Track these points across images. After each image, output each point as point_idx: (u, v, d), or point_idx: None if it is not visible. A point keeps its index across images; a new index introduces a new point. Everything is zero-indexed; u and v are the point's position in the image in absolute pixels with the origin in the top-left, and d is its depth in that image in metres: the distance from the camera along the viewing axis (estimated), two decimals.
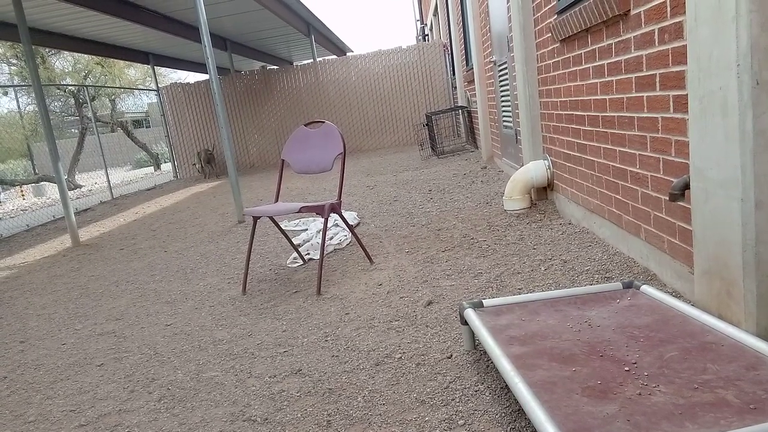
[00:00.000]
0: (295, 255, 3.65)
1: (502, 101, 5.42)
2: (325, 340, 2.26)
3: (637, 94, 2.26)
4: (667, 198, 2.12)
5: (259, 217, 3.01)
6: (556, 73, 3.34)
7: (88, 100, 11.59)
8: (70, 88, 15.64)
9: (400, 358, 1.99)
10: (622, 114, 2.43)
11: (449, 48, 10.83)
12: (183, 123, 12.60)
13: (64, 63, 16.49)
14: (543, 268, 2.65)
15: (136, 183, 13.69)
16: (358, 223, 4.39)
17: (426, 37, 18.60)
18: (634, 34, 2.21)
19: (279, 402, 1.82)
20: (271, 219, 3.28)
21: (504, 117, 5.44)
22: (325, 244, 3.65)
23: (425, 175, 6.58)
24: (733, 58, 1.50)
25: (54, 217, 8.37)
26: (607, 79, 2.55)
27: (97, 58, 15.64)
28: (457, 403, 1.63)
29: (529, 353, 1.59)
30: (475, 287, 2.56)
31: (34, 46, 9.31)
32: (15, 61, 15.52)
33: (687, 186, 1.86)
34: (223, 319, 2.72)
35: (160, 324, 2.80)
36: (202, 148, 12.03)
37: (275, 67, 14.07)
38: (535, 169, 3.81)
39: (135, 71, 18.44)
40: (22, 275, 4.54)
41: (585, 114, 2.91)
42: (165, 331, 2.68)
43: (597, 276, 2.43)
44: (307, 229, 4.50)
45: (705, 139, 1.68)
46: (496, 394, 1.65)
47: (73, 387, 2.22)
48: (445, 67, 11.60)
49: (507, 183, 3.93)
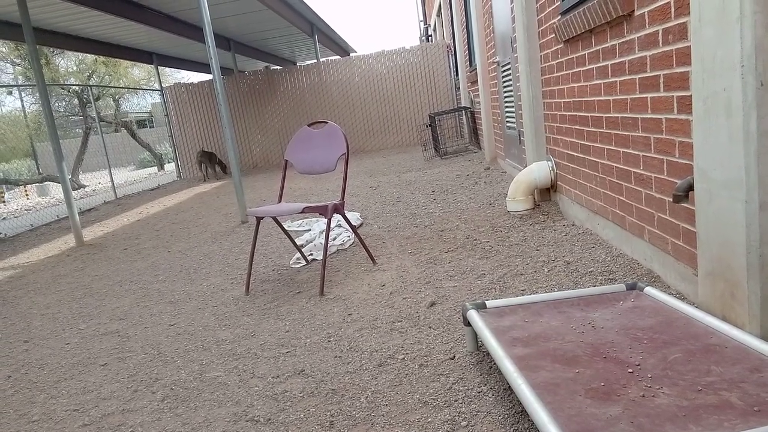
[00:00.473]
0: (298, 255, 3.65)
1: (506, 102, 5.41)
2: (328, 341, 2.26)
3: (641, 95, 2.25)
4: (670, 199, 2.11)
5: (262, 218, 3.01)
6: (559, 73, 3.34)
7: (92, 100, 11.63)
8: (74, 87, 15.70)
9: (403, 359, 1.99)
10: (625, 115, 2.43)
11: (452, 49, 10.82)
12: (186, 123, 12.62)
13: (68, 63, 16.56)
14: (546, 270, 2.65)
15: (140, 183, 13.72)
16: (361, 224, 4.39)
17: (429, 37, 18.59)
18: (638, 35, 2.21)
19: (282, 402, 1.83)
20: (274, 219, 3.28)
21: (507, 118, 5.43)
22: (328, 245, 3.66)
23: (428, 175, 6.58)
24: (738, 59, 1.49)
25: (58, 216, 8.39)
26: (610, 79, 2.55)
27: (101, 58, 15.69)
28: (460, 405, 1.63)
29: (532, 354, 1.59)
30: (478, 288, 2.56)
31: (38, 46, 9.33)
32: (19, 60, 15.59)
33: (691, 187, 1.86)
34: (226, 319, 2.73)
35: (164, 324, 2.81)
36: (199, 150, 11.98)
37: (278, 67, 14.08)
38: (538, 170, 3.81)
39: (139, 71, 18.50)
40: (26, 275, 4.55)
41: (589, 115, 2.91)
42: (168, 331, 2.69)
43: (600, 277, 2.42)
44: (310, 229, 4.50)
45: (709, 140, 1.68)
46: (499, 395, 1.65)
47: (76, 386, 2.23)
48: (449, 67, 11.60)
49: (510, 184, 3.93)
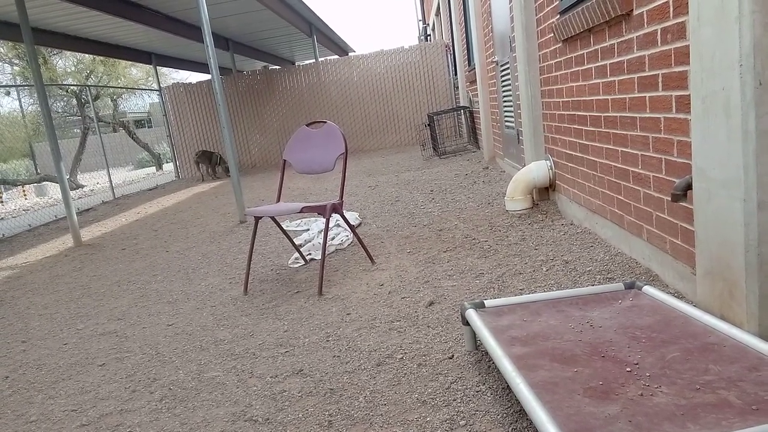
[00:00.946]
0: (296, 255, 3.65)
1: (504, 101, 5.41)
2: (327, 341, 2.26)
3: (639, 95, 2.25)
4: (669, 198, 2.11)
5: (260, 217, 3.01)
6: (558, 73, 3.34)
7: (90, 100, 11.62)
8: (72, 88, 15.67)
9: (402, 358, 1.99)
10: (624, 114, 2.43)
11: (451, 48, 10.82)
12: (185, 123, 12.61)
13: (66, 63, 16.52)
14: (545, 269, 2.65)
15: (138, 183, 13.71)
16: (360, 224, 4.38)
17: (428, 37, 18.59)
18: (637, 34, 2.21)
19: (280, 402, 1.82)
20: (272, 219, 3.28)
21: (506, 117, 5.43)
22: (327, 245, 3.65)
23: (427, 175, 6.58)
24: (736, 58, 1.49)
25: (56, 216, 8.38)
26: (609, 79, 2.55)
27: (100, 58, 15.66)
28: (458, 404, 1.63)
29: (530, 354, 1.59)
30: (477, 288, 2.56)
31: (36, 46, 9.32)
32: (17, 61, 15.56)
33: (689, 186, 1.86)
34: (224, 319, 2.72)
35: (162, 324, 2.80)
36: (198, 150, 11.96)
37: (277, 67, 14.08)
38: (537, 170, 3.81)
39: (137, 71, 18.47)
40: (24, 275, 4.55)
41: (587, 114, 2.91)
42: (167, 331, 2.68)
43: (599, 277, 2.42)
44: (308, 229, 4.50)
45: (707, 140, 1.68)
46: (498, 394, 1.65)
47: (74, 387, 2.22)
48: (447, 67, 11.60)
49: (509, 183, 3.93)
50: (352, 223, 4.23)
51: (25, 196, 15.69)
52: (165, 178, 13.61)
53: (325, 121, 3.29)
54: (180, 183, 11.50)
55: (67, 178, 6.27)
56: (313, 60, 12.29)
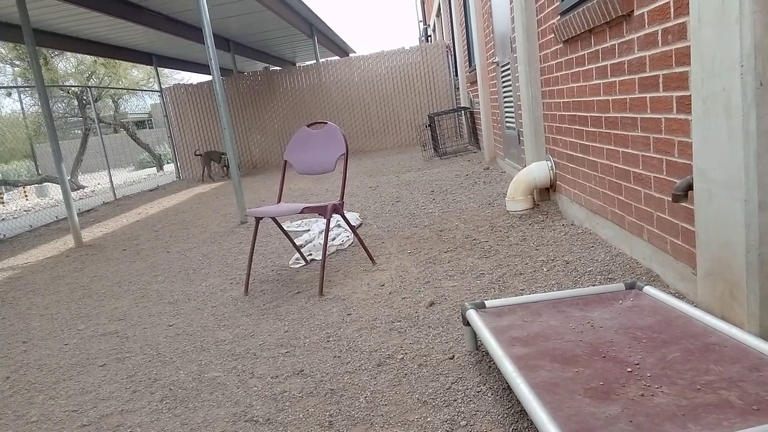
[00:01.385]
0: (297, 256, 3.65)
1: (505, 102, 5.41)
2: (327, 341, 2.26)
3: (640, 95, 2.25)
4: (670, 199, 2.11)
5: (261, 218, 3.01)
6: (559, 73, 3.34)
7: (91, 101, 11.62)
8: (73, 89, 15.68)
9: (402, 358, 1.99)
10: (625, 115, 2.43)
11: (452, 49, 10.83)
12: (186, 124, 12.62)
13: (67, 64, 16.54)
14: (545, 269, 2.65)
15: (139, 184, 13.72)
16: (361, 224, 4.39)
17: (429, 38, 18.60)
18: (638, 35, 2.21)
19: (281, 402, 1.82)
20: (273, 220, 3.28)
21: (506, 118, 5.43)
22: (328, 245, 3.65)
23: (428, 175, 6.58)
24: (737, 59, 1.49)
25: (57, 217, 8.39)
26: (610, 79, 2.55)
27: (101, 59, 15.68)
28: (459, 404, 1.63)
29: (531, 354, 1.59)
30: (478, 288, 2.56)
31: (37, 47, 9.33)
32: (18, 62, 15.58)
33: (690, 187, 1.86)
34: (225, 319, 2.73)
35: (163, 324, 2.81)
36: (207, 150, 11.99)
37: (278, 68, 14.10)
38: (537, 170, 3.81)
39: (138, 72, 18.48)
40: (25, 276, 4.55)
41: (588, 115, 2.91)
42: (167, 332, 2.68)
43: (599, 277, 2.42)
44: (309, 229, 4.50)
45: (708, 140, 1.68)
46: (499, 395, 1.65)
47: (75, 387, 2.22)
48: (448, 68, 11.60)
49: (509, 184, 3.93)
50: (352, 223, 4.24)
51: (26, 196, 15.70)
52: (166, 179, 13.62)
53: (325, 122, 3.29)
54: (181, 184, 11.50)
55: (68, 178, 6.27)
56: (314, 61, 12.29)
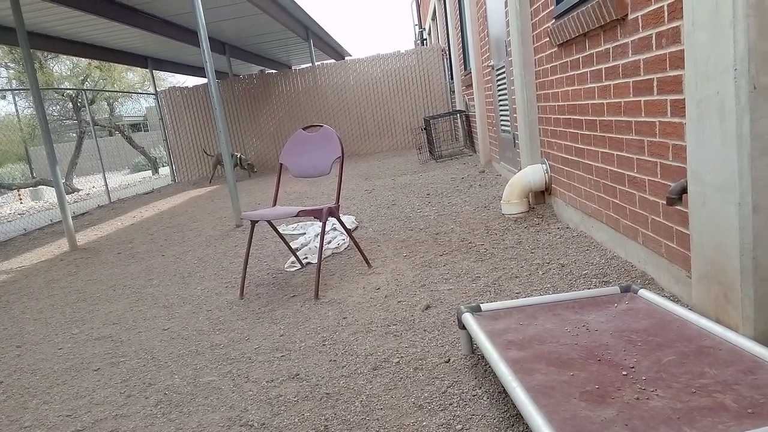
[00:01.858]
0: (293, 259, 3.64)
1: (500, 105, 5.43)
2: (323, 345, 2.25)
3: (634, 99, 2.26)
4: (664, 202, 2.12)
5: (257, 221, 3.00)
6: (553, 77, 3.35)
7: (86, 104, 11.59)
8: (68, 91, 15.64)
9: (398, 362, 1.98)
10: (619, 118, 2.44)
11: (447, 52, 10.85)
12: (181, 127, 12.59)
13: (62, 67, 16.50)
14: (541, 272, 2.65)
15: (134, 187, 13.67)
16: (356, 227, 4.38)
17: (424, 41, 18.64)
18: (632, 39, 2.22)
19: (276, 407, 1.82)
20: (269, 223, 3.28)
21: (502, 121, 5.45)
22: (323, 248, 3.65)
23: (423, 179, 6.58)
24: (731, 63, 1.50)
25: (51, 221, 8.35)
26: (604, 83, 2.56)
27: (96, 62, 15.65)
28: (454, 408, 1.63)
29: (526, 357, 1.59)
30: (473, 291, 2.56)
31: (32, 50, 9.31)
32: (13, 65, 15.53)
33: (684, 190, 1.87)
34: (220, 323, 2.72)
35: (158, 328, 2.79)
36: (215, 152, 11.95)
37: (274, 71, 14.08)
38: (532, 173, 3.81)
39: (133, 75, 18.45)
40: (19, 279, 4.52)
41: (583, 118, 2.92)
42: (162, 336, 2.67)
43: (595, 280, 2.42)
44: (305, 233, 4.50)
45: (702, 144, 1.69)
46: (494, 398, 1.65)
47: (69, 392, 2.21)
48: (444, 71, 11.63)
49: (505, 187, 3.93)
50: (348, 226, 4.23)
51: (20, 199, 15.63)
52: (161, 182, 13.58)
53: (321, 125, 3.29)
54: (176, 187, 11.47)
55: (63, 182, 6.25)
56: (310, 64, 12.29)
